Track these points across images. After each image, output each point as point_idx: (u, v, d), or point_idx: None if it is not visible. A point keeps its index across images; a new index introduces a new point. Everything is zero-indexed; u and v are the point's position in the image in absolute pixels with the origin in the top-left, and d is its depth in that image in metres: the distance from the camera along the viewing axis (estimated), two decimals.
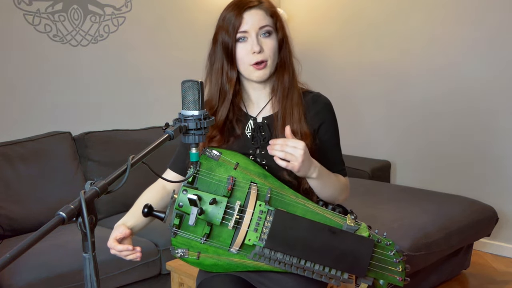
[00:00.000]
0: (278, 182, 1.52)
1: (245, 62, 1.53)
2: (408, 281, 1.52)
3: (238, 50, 1.54)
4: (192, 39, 3.76)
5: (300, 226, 1.43)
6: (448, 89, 3.53)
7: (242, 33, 1.52)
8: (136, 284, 2.46)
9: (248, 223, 1.44)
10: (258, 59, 1.52)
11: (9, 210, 2.60)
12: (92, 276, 0.94)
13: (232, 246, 1.44)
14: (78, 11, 3.18)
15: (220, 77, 1.58)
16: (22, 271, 2.16)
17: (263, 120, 1.61)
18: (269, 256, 1.42)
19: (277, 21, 1.57)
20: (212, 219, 1.42)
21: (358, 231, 1.46)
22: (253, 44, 1.51)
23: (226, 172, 1.47)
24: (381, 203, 2.91)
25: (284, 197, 1.49)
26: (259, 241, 1.43)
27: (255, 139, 1.59)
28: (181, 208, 1.43)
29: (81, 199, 0.92)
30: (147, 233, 2.60)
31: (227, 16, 1.54)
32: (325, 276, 1.43)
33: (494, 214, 2.96)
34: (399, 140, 3.83)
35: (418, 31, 3.62)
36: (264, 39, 1.53)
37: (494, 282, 3.04)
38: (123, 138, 3.08)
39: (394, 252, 1.48)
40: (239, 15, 1.51)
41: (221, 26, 1.55)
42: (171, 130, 1.20)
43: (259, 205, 1.45)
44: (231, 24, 1.52)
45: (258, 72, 1.53)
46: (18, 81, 3.01)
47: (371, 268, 1.46)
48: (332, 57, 4.11)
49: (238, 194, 1.46)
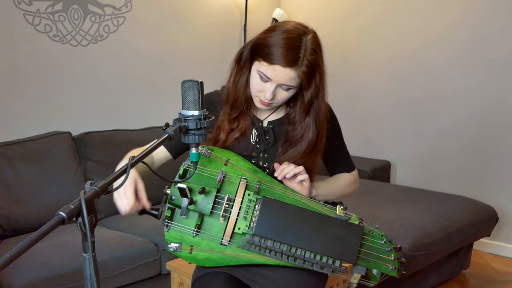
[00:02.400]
0: (268, 177, 1.56)
1: (254, 90, 1.54)
2: (405, 274, 1.52)
3: (253, 76, 1.53)
4: (192, 39, 3.76)
5: (288, 212, 1.47)
6: (448, 89, 3.53)
7: (265, 76, 1.49)
8: (136, 284, 2.46)
9: (238, 211, 1.48)
10: (265, 101, 1.53)
11: (9, 210, 2.60)
12: (92, 276, 0.94)
13: (223, 237, 1.48)
14: (78, 11, 3.18)
15: (242, 86, 1.58)
16: (22, 271, 2.16)
17: (268, 124, 1.63)
18: (259, 244, 1.45)
19: (312, 80, 1.50)
20: (203, 209, 1.47)
21: (349, 221, 1.49)
22: (268, 91, 1.50)
23: (217, 168, 1.53)
24: (381, 203, 2.91)
25: (274, 189, 1.53)
26: (249, 229, 1.46)
27: (259, 143, 1.62)
28: (173, 201, 1.48)
29: (81, 199, 0.92)
30: (147, 233, 2.60)
31: (267, 47, 1.47)
32: (316, 264, 1.45)
33: (494, 214, 2.97)
34: (399, 140, 3.83)
35: (418, 31, 3.62)
36: (281, 90, 1.51)
37: (494, 282, 3.04)
38: (123, 138, 3.07)
39: (385, 241, 1.49)
40: (272, 64, 1.46)
41: (260, 47, 1.49)
42: (171, 130, 1.20)
43: (248, 195, 1.49)
44: (262, 57, 1.48)
45: (262, 105, 1.56)
46: (18, 81, 3.01)
47: (362, 256, 1.46)
48: (331, 57, 4.10)
49: (228, 188, 1.51)
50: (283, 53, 1.44)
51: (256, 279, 1.52)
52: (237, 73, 1.57)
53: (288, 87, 1.50)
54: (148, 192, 1.74)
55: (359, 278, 1.47)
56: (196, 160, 1.30)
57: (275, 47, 1.45)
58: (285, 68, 1.45)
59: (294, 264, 1.45)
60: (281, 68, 1.45)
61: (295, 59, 1.45)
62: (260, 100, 1.54)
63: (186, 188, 1.42)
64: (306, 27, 1.52)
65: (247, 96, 1.58)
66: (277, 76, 1.46)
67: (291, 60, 1.44)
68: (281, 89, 1.50)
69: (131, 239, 2.52)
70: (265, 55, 1.47)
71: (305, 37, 1.47)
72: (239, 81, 1.56)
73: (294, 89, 1.52)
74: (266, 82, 1.49)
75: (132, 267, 2.41)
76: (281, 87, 1.50)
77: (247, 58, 1.53)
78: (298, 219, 1.46)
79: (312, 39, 1.49)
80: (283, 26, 1.50)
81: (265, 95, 1.50)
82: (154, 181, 1.60)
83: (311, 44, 1.47)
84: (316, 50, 1.48)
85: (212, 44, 3.85)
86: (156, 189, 1.59)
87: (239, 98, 1.57)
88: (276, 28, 1.50)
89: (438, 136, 3.61)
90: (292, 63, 1.45)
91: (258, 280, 1.52)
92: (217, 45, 3.87)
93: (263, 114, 1.65)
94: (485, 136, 3.40)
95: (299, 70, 1.46)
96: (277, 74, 1.46)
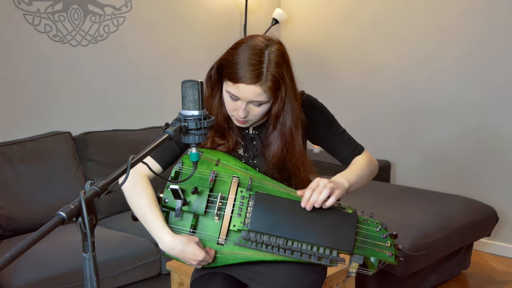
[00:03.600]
0: (259, 174, 1.56)
1: (228, 110, 1.53)
2: (402, 260, 1.52)
3: (225, 96, 1.51)
4: (192, 39, 3.76)
5: (281, 206, 1.48)
6: (448, 89, 3.53)
7: (233, 95, 1.47)
8: (136, 284, 2.46)
9: (231, 209, 1.49)
10: (240, 119, 1.51)
11: (9, 210, 2.60)
12: (92, 276, 0.94)
13: (219, 236, 1.48)
14: (78, 11, 3.18)
15: (216, 106, 1.57)
16: (22, 271, 2.16)
17: (253, 131, 1.63)
18: (255, 239, 1.46)
19: (278, 93, 1.46)
20: (197, 210, 1.48)
21: (343, 210, 1.49)
22: (239, 109, 1.48)
23: (208, 168, 1.54)
24: (381, 203, 2.91)
25: (266, 185, 1.54)
26: (244, 225, 1.47)
27: (247, 151, 1.62)
28: (167, 204, 1.50)
29: (81, 199, 0.92)
30: (147, 233, 2.59)
31: (231, 66, 1.44)
32: (313, 255, 1.45)
33: (494, 214, 2.96)
34: (399, 140, 3.83)
35: (419, 32, 3.62)
36: (253, 106, 1.49)
37: (494, 282, 3.03)
38: (123, 138, 3.08)
39: (380, 228, 1.49)
40: (236, 84, 1.43)
41: (223, 67, 1.47)
42: (171, 130, 1.20)
43: (240, 192, 1.50)
44: (227, 77, 1.46)
45: (239, 124, 1.55)
46: (18, 81, 3.01)
47: (358, 244, 1.47)
48: (331, 57, 4.11)
49: (220, 187, 1.52)
50: (245, 70, 1.41)
51: (254, 277, 1.52)
52: (209, 97, 1.56)
53: (259, 103, 1.47)
54: None
55: (357, 267, 1.46)
56: (196, 160, 1.30)
57: (237, 65, 1.43)
58: (249, 85, 1.42)
59: (292, 257, 1.45)
60: (245, 86, 1.42)
61: (257, 75, 1.41)
62: (236, 119, 1.53)
63: (179, 189, 1.43)
64: (270, 39, 1.47)
65: (224, 115, 1.57)
66: (244, 94, 1.44)
67: (253, 76, 1.41)
68: (253, 105, 1.48)
69: (131, 239, 2.52)
70: (229, 74, 1.45)
71: (267, 50, 1.44)
72: (213, 103, 1.56)
73: (267, 104, 1.49)
74: (237, 101, 1.48)
75: (132, 267, 2.41)
76: (252, 104, 1.47)
77: (215, 80, 1.52)
78: (292, 211, 1.47)
79: (276, 51, 1.45)
80: (246, 43, 1.46)
81: (238, 113, 1.48)
82: (152, 183, 1.62)
83: (274, 57, 1.43)
84: (280, 62, 1.44)
85: (212, 44, 3.85)
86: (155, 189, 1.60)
87: (217, 119, 1.56)
88: (238, 45, 1.47)
89: (438, 136, 3.61)
90: (255, 79, 1.42)
91: (256, 278, 1.52)
92: (217, 45, 3.84)
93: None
94: (485, 136, 3.40)
95: (264, 85, 1.43)
96: (243, 92, 1.44)
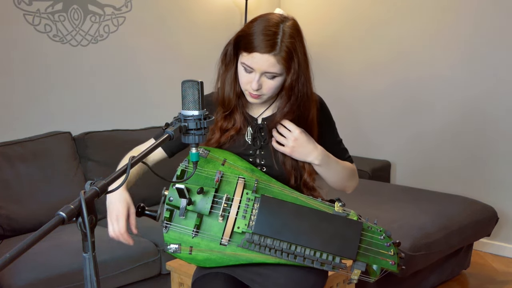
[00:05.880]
0: (265, 175, 1.56)
1: (242, 84, 1.55)
2: (404, 268, 1.51)
3: (239, 70, 1.54)
4: (192, 39, 3.76)
5: (287, 210, 1.47)
6: (449, 89, 3.53)
7: (248, 67, 1.50)
8: (136, 284, 2.46)
9: (236, 211, 1.48)
10: (254, 92, 1.53)
11: (9, 210, 2.60)
12: (92, 276, 0.94)
13: (223, 237, 1.48)
14: (78, 11, 3.18)
15: (230, 82, 1.59)
16: (22, 271, 2.16)
17: (262, 121, 1.64)
18: (259, 242, 1.45)
19: (291, 64, 1.49)
20: (201, 209, 1.47)
21: (347, 217, 1.48)
22: (253, 81, 1.50)
23: (215, 168, 1.53)
24: (381, 203, 2.91)
25: (272, 187, 1.53)
26: (248, 228, 1.46)
27: (255, 140, 1.62)
28: (172, 202, 1.48)
29: (81, 199, 0.92)
30: (147, 233, 2.60)
31: (246, 37, 1.49)
32: (316, 261, 1.44)
33: (494, 214, 2.96)
34: (399, 140, 3.83)
35: (420, 32, 3.62)
36: (266, 79, 1.51)
37: (494, 282, 3.04)
38: (123, 138, 3.08)
39: (385, 236, 1.49)
40: (251, 52, 1.47)
41: (240, 39, 1.51)
42: (171, 130, 1.20)
43: (246, 193, 1.49)
44: (243, 48, 1.49)
45: (252, 99, 1.56)
46: (18, 81, 3.01)
47: (362, 252, 1.46)
48: (332, 57, 4.11)
49: (226, 188, 1.51)
50: (259, 40, 1.46)
51: (256, 278, 1.52)
52: (224, 72, 1.58)
53: (272, 75, 1.49)
54: (147, 193, 1.77)
55: (359, 274, 1.46)
56: (196, 160, 1.30)
57: (252, 36, 1.47)
58: (263, 54, 1.45)
59: (294, 261, 1.45)
60: (260, 55, 1.46)
61: (272, 44, 1.45)
62: (249, 93, 1.54)
63: (185, 189, 1.42)
64: (286, 17, 1.54)
65: (237, 92, 1.58)
66: (258, 64, 1.47)
67: (268, 46, 1.45)
68: (266, 78, 1.50)
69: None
70: (245, 45, 1.49)
71: (282, 24, 1.49)
72: (227, 78, 1.57)
73: (280, 77, 1.51)
74: (251, 73, 1.50)
75: (132, 267, 2.41)
76: (265, 76, 1.50)
77: (231, 54, 1.55)
78: (297, 216, 1.46)
79: (290, 25, 1.50)
80: (262, 17, 1.52)
81: (251, 86, 1.50)
82: (153, 181, 1.61)
83: (289, 29, 1.49)
84: (294, 35, 1.49)
85: (212, 44, 3.83)
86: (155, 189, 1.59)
87: (229, 95, 1.58)
88: (255, 20, 1.52)
89: (438, 136, 3.61)
90: (270, 48, 1.45)
91: (258, 280, 1.51)
92: (217, 45, 3.82)
93: (256, 111, 1.65)
94: (485, 135, 3.40)
95: (278, 55, 1.46)
96: (257, 62, 1.47)
